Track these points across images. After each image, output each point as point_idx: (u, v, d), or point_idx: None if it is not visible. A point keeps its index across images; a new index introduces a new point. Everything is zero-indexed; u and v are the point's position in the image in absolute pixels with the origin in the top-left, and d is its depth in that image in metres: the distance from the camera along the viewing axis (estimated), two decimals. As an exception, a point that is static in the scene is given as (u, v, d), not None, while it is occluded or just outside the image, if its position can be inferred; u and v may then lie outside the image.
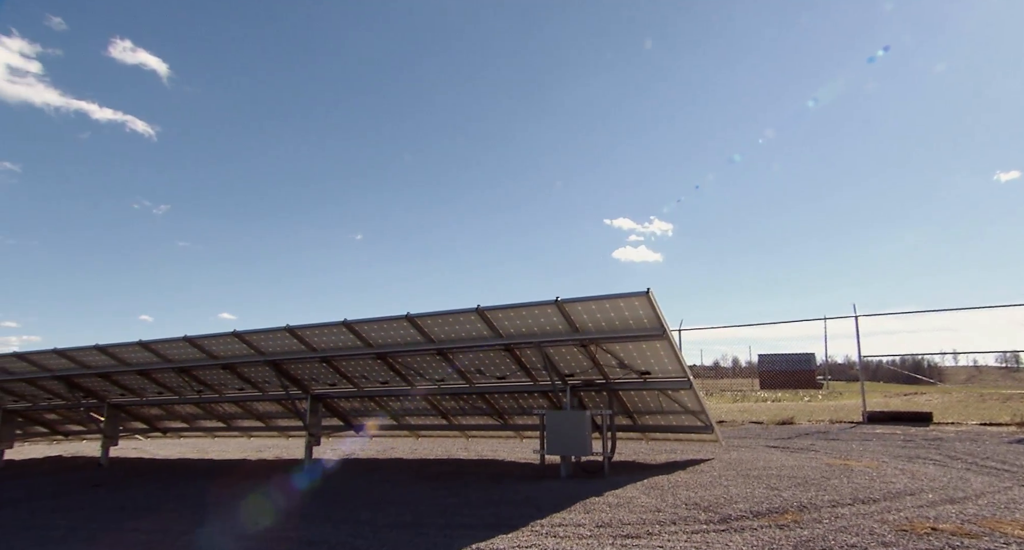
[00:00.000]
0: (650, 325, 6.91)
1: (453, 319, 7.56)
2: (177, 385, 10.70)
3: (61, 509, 7.18)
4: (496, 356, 8.16)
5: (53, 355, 10.12)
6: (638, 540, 4.31)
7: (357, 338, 8.28)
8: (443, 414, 10.16)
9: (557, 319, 7.15)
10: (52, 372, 10.62)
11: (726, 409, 17.41)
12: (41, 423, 13.66)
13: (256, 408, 11.47)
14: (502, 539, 4.53)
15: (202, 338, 9.03)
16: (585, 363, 7.80)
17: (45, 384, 11.21)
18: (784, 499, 5.23)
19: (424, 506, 6.02)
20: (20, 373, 10.82)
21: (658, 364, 7.54)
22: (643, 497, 5.70)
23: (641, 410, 8.65)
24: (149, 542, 5.18)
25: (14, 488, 9.13)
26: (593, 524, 4.82)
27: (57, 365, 10.49)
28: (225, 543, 4.96)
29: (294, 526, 5.44)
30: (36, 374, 10.74)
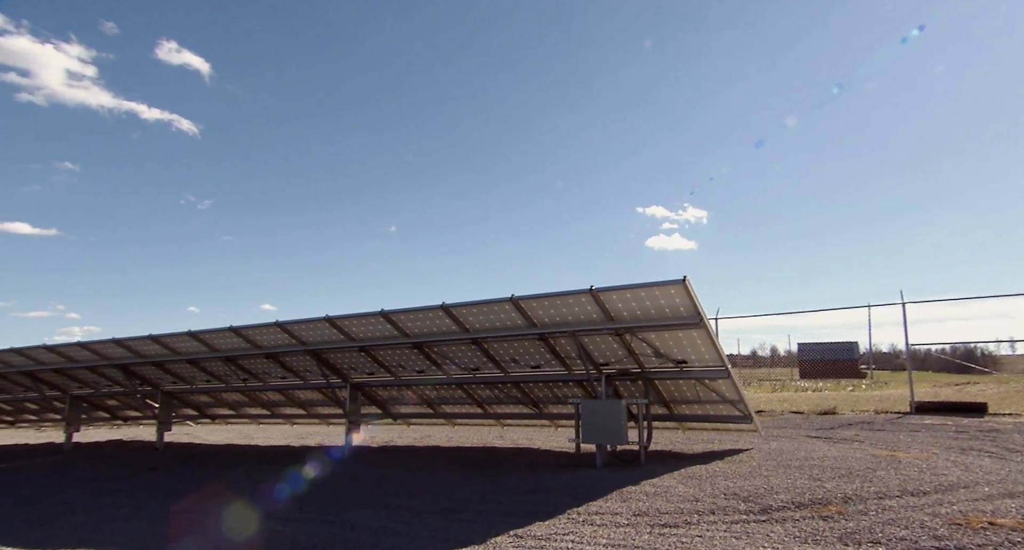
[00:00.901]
0: (686, 313, 6.81)
1: (488, 308, 7.61)
2: (224, 374, 11.13)
3: (124, 490, 7.60)
4: (530, 345, 8.19)
5: (112, 344, 10.66)
6: (676, 529, 4.29)
7: (394, 328, 8.43)
8: (478, 403, 10.27)
9: (591, 308, 7.12)
10: (111, 361, 11.19)
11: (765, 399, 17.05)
12: (103, 408, 14.45)
13: (298, 396, 11.84)
14: (539, 526, 4.58)
15: (246, 328, 9.36)
16: (620, 352, 7.75)
17: (105, 372, 11.83)
18: (827, 490, 5.11)
19: (461, 493, 6.13)
20: (84, 361, 11.45)
21: (695, 353, 7.44)
22: (680, 486, 5.66)
23: (677, 399, 8.56)
24: (203, 522, 5.44)
25: (83, 469, 9.71)
26: (630, 513, 4.82)
27: (115, 354, 11.05)
28: (273, 525, 5.16)
29: (335, 510, 5.63)
30: (97, 362, 11.34)
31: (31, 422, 17.52)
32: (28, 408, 15.72)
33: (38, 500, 7.21)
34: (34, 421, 17.32)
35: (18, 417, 17.03)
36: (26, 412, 16.34)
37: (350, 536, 4.60)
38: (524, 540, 4.23)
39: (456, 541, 4.29)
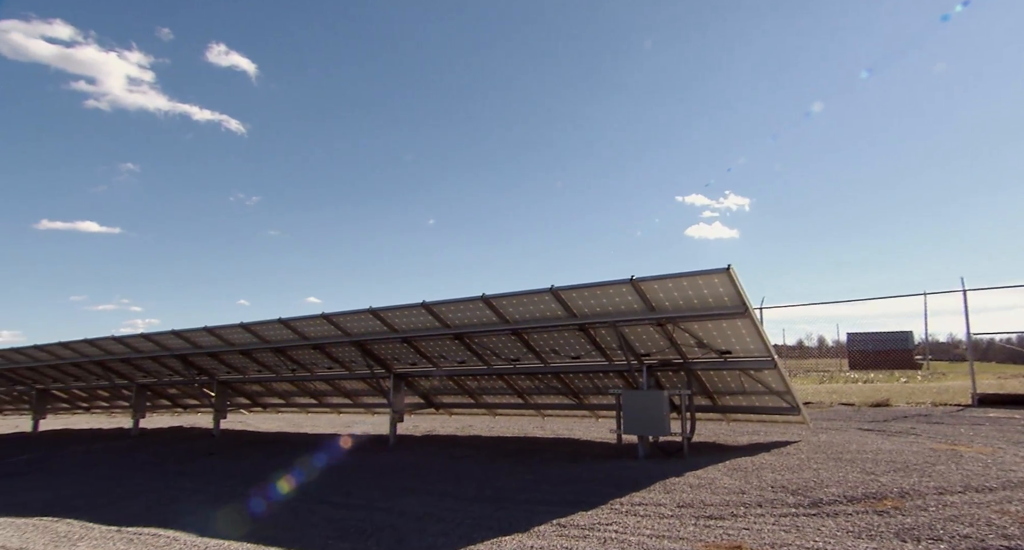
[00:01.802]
0: (731, 303, 6.67)
1: (527, 299, 7.64)
2: (274, 364, 11.58)
3: (186, 473, 8.05)
4: (570, 336, 8.18)
5: (172, 336, 11.24)
6: (722, 522, 4.24)
7: (435, 319, 8.57)
8: (519, 393, 10.35)
9: (632, 298, 7.06)
10: (171, 351, 11.81)
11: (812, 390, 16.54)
12: (165, 397, 15.29)
13: (344, 386, 12.20)
14: (582, 516, 4.60)
15: (294, 320, 9.70)
16: (662, 343, 7.66)
17: (167, 362, 12.49)
18: (882, 484, 4.94)
19: (504, 482, 6.22)
20: (147, 352, 12.12)
21: (739, 343, 7.28)
22: (725, 478, 5.58)
23: (721, 390, 8.40)
24: (259, 505, 5.71)
25: (149, 453, 10.32)
26: (674, 504, 4.79)
27: (175, 345, 11.65)
28: (323, 510, 5.38)
29: (383, 497, 5.80)
30: (159, 353, 11.99)
31: (103, 408, 18.72)
32: (100, 395, 16.80)
33: (113, 481, 7.71)
34: (106, 408, 18.50)
35: (92, 404, 18.22)
36: (99, 399, 17.46)
37: (397, 522, 4.74)
38: (568, 529, 4.27)
39: (500, 529, 4.36)
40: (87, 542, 4.63)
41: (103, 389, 15.57)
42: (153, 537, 4.66)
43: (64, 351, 13.01)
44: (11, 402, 18.96)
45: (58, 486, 7.56)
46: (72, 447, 12.08)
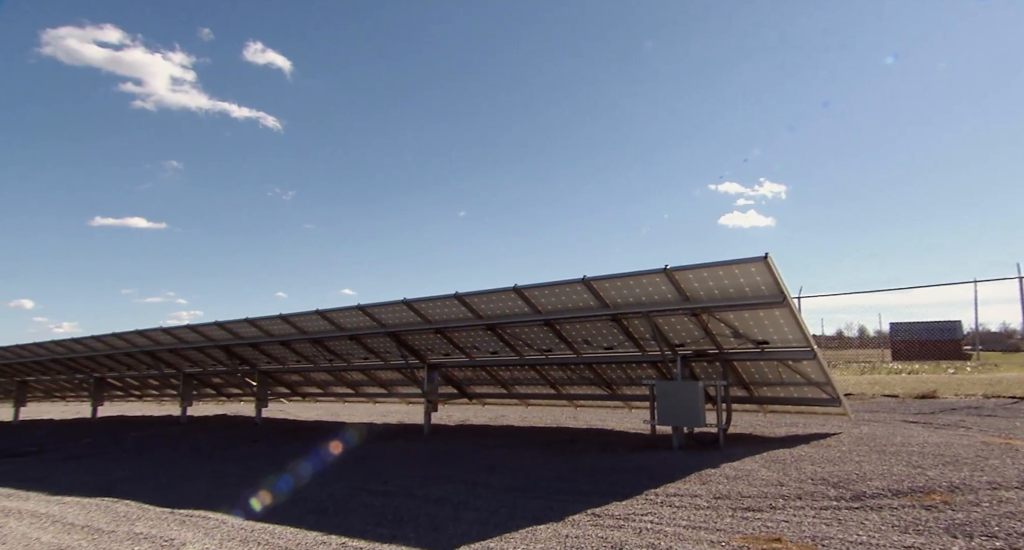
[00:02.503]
0: (768, 292, 6.52)
1: (559, 290, 7.63)
2: (312, 354, 11.90)
3: (231, 459, 8.39)
4: (603, 326, 8.15)
5: (215, 327, 11.67)
6: (760, 514, 4.18)
7: (468, 310, 8.65)
8: (551, 384, 10.38)
9: (666, 288, 6.97)
10: (215, 342, 12.26)
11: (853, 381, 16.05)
12: (210, 386, 15.92)
13: (380, 376, 12.46)
14: (617, 506, 4.61)
15: (331, 311, 9.93)
16: (696, 333, 7.55)
17: (211, 352, 12.99)
18: (930, 478, 4.78)
19: (538, 471, 6.26)
20: (193, 342, 12.63)
21: (777, 333, 7.11)
22: (763, 470, 5.49)
23: (758, 381, 8.25)
24: (300, 492, 5.91)
25: (196, 439, 10.78)
26: (710, 495, 4.74)
27: (218, 336, 12.09)
28: (362, 497, 5.53)
29: (418, 485, 5.92)
30: (203, 344, 12.47)
31: (153, 397, 19.64)
32: (151, 384, 17.61)
33: (164, 466, 8.10)
34: (156, 396, 19.41)
35: (144, 392, 19.13)
36: (149, 387, 18.32)
37: (433, 510, 4.84)
38: (602, 519, 4.29)
39: (534, 518, 4.41)
40: (144, 522, 4.88)
41: (153, 378, 16.31)
42: (203, 519, 4.88)
43: (118, 341, 13.65)
44: (72, 389, 20.07)
45: (115, 469, 7.98)
46: (127, 433, 12.71)
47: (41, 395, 21.72)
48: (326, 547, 3.95)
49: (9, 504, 5.90)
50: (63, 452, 10.29)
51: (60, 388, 20.37)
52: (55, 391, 21.14)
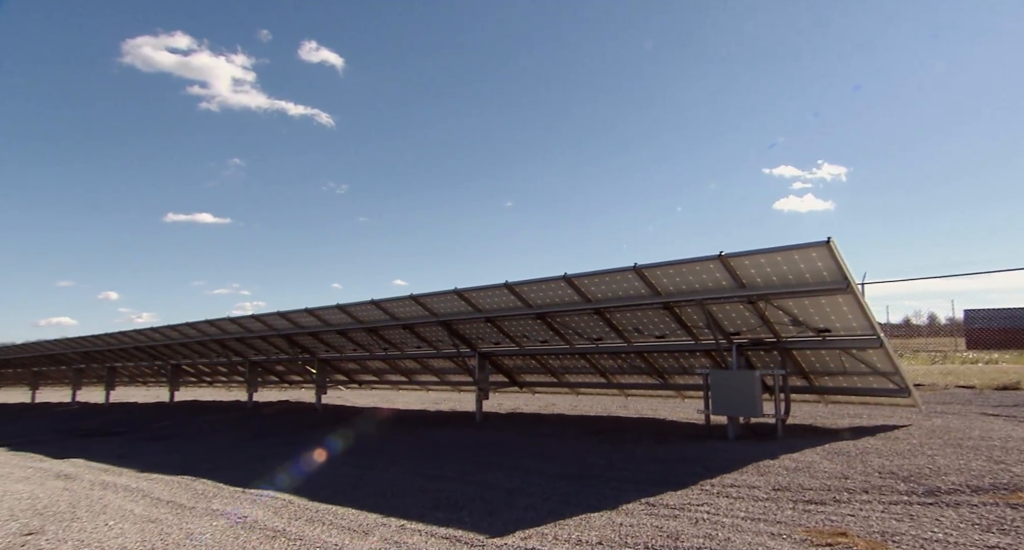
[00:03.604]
0: (830, 278, 6.24)
1: (610, 278, 7.56)
2: (367, 343, 12.30)
3: (295, 443, 8.82)
4: (655, 315, 8.02)
5: (277, 317, 12.25)
6: (823, 507, 4.05)
7: (518, 299, 8.71)
8: (601, 372, 10.33)
9: (720, 275, 6.79)
10: (277, 331, 12.88)
11: (923, 371, 15.16)
12: (273, 373, 16.76)
13: (432, 364, 12.75)
14: (671, 496, 4.57)
15: (385, 301, 10.22)
16: (752, 320, 7.33)
17: (274, 341, 13.65)
18: (1015, 474, 4.48)
19: (589, 460, 6.28)
20: (257, 331, 13.31)
21: (839, 320, 6.81)
22: (825, 462, 5.31)
23: (819, 370, 7.93)
24: (360, 476, 6.16)
25: (262, 424, 11.41)
26: (769, 487, 4.63)
27: (280, 325, 12.69)
28: (418, 482, 5.71)
29: (472, 471, 6.06)
30: (267, 333, 13.12)
31: (222, 383, 20.90)
32: (220, 370, 18.73)
33: (234, 448, 8.62)
34: (224, 382, 20.64)
35: (214, 378, 20.37)
36: (219, 374, 19.49)
37: (488, 495, 4.95)
38: (657, 508, 4.27)
39: (588, 505, 4.44)
40: (219, 500, 5.23)
41: (222, 365, 17.31)
42: (272, 499, 5.18)
43: (190, 330, 14.55)
44: (153, 375, 21.63)
45: (192, 450, 8.56)
46: (200, 416, 13.58)
47: (127, 380, 23.52)
48: (386, 529, 4.12)
49: (107, 478, 6.45)
50: (147, 433, 11.12)
51: (142, 374, 21.98)
52: (138, 377, 22.83)
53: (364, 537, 3.94)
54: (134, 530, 4.32)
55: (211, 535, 4.11)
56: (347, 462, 6.95)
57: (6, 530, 4.49)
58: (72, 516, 4.81)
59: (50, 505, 5.25)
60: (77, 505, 5.20)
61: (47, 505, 5.25)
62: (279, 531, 4.16)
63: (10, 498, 5.58)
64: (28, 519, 4.78)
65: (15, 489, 6.01)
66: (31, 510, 5.09)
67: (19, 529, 4.50)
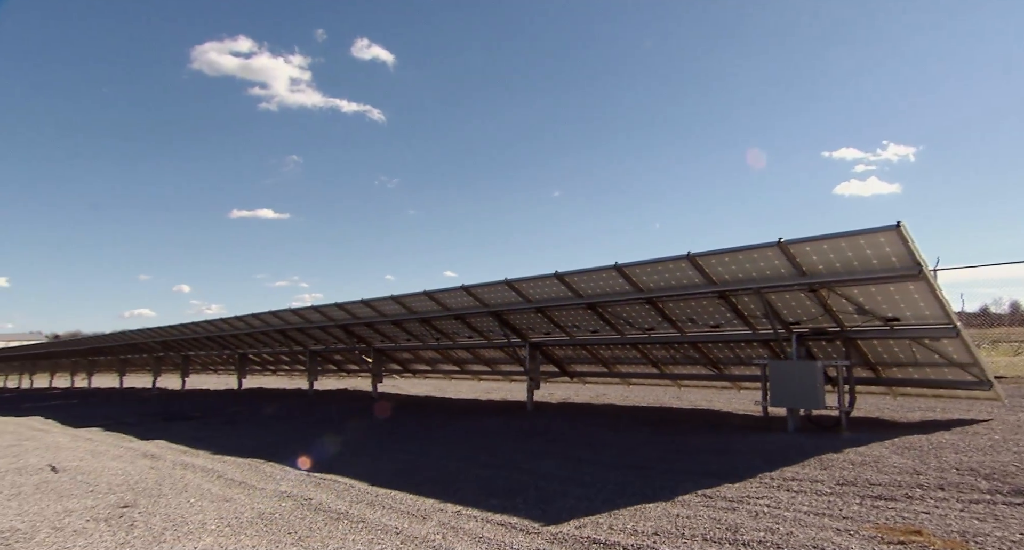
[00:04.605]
0: (900, 264, 5.89)
1: (662, 267, 7.42)
2: (420, 333, 12.60)
3: (353, 429, 9.19)
4: (709, 304, 7.83)
5: (335, 308, 12.74)
6: (893, 503, 3.87)
7: (568, 289, 8.69)
8: (653, 363, 10.19)
9: (780, 262, 6.54)
10: (335, 322, 13.39)
11: (1004, 363, 14.13)
12: (331, 362, 17.47)
13: (483, 354, 12.94)
14: (728, 488, 4.49)
15: (437, 292, 10.43)
16: (813, 309, 7.03)
17: (332, 331, 14.21)
18: (1109, 475, 4.14)
19: (642, 450, 6.23)
20: (316, 322, 13.90)
21: (910, 309, 6.43)
22: (895, 457, 5.06)
23: (886, 361, 7.53)
24: (414, 461, 6.36)
25: (322, 411, 11.93)
26: (833, 481, 4.47)
27: (338, 316, 13.18)
28: (472, 469, 5.83)
29: (524, 459, 6.13)
30: (325, 323, 13.68)
31: (285, 371, 21.99)
32: (283, 359, 19.71)
33: (298, 432, 9.06)
34: (287, 370, 21.71)
35: (277, 367, 21.46)
36: (281, 363, 20.51)
37: (541, 484, 5.00)
38: (714, 500, 4.20)
39: (643, 496, 4.42)
40: (287, 482, 5.53)
41: (284, 355, 18.19)
42: (334, 482, 5.43)
43: (255, 321, 15.34)
44: (222, 364, 23.03)
45: (259, 434, 9.06)
46: (266, 403, 14.34)
47: (199, 368, 25.11)
48: (443, 514, 4.24)
49: (186, 459, 6.94)
50: (219, 417, 11.84)
51: (213, 362, 23.42)
52: (209, 365, 24.34)
53: (423, 521, 4.08)
54: (211, 508, 4.63)
55: (280, 515, 4.36)
56: (403, 449, 7.18)
57: (107, 502, 4.92)
58: (159, 492, 5.21)
59: (140, 481, 5.70)
60: (162, 483, 5.63)
61: (137, 481, 5.71)
62: (342, 513, 4.36)
63: (108, 474, 6.10)
64: (123, 493, 5.22)
65: (111, 466, 6.57)
66: (125, 485, 5.55)
67: (116, 502, 4.92)
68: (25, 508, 4.82)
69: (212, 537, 3.88)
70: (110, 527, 4.19)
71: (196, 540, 3.82)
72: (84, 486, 5.56)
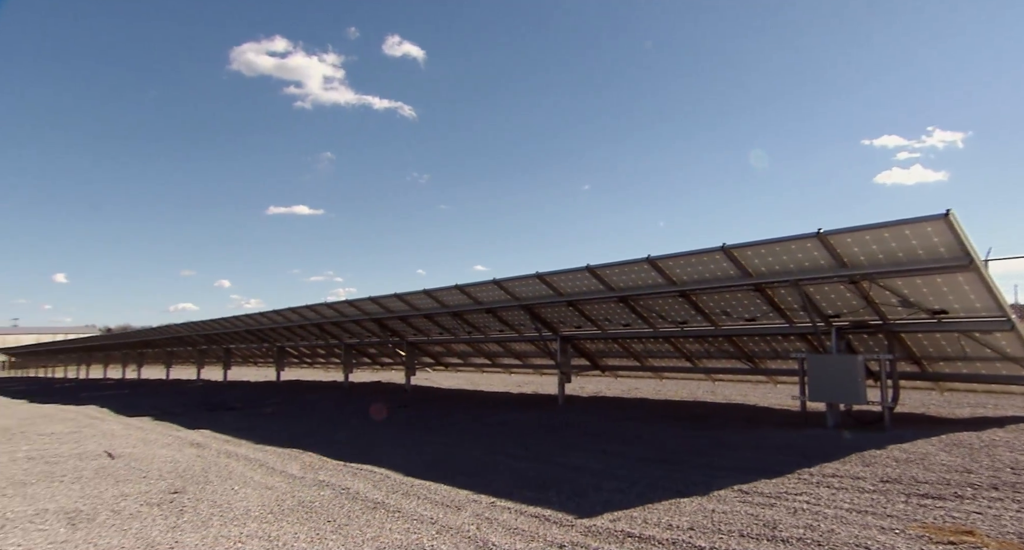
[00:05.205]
0: (949, 255, 5.65)
1: (696, 259, 7.30)
2: (452, 327, 12.73)
3: (387, 422, 9.37)
4: (744, 297, 7.67)
5: (369, 302, 12.97)
6: (942, 502, 3.74)
7: (599, 282, 8.64)
8: (686, 357, 10.05)
9: (819, 253, 6.35)
10: (369, 315, 13.65)
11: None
12: (366, 355, 17.82)
13: (514, 348, 12.99)
14: (766, 484, 4.41)
15: (468, 286, 10.51)
16: (854, 302, 6.82)
17: (366, 325, 14.49)
18: None
19: (675, 445, 6.17)
20: (351, 316, 14.19)
21: (959, 301, 6.17)
22: (942, 455, 4.88)
23: (933, 355, 7.26)
24: (448, 453, 6.44)
25: (358, 403, 12.20)
26: (876, 479, 4.34)
27: (372, 310, 13.42)
28: (505, 461, 5.88)
29: (557, 452, 6.15)
30: (360, 317, 13.95)
31: (321, 364, 22.54)
32: (319, 353, 20.19)
33: (334, 424, 9.29)
34: (323, 363, 22.25)
35: (314, 360, 22.02)
36: (318, 356, 21.02)
37: (573, 477, 5.01)
38: (751, 496, 4.14)
39: (677, 491, 4.38)
40: (325, 472, 5.69)
41: (320, 348, 18.62)
42: (370, 473, 5.55)
43: (292, 315, 15.76)
44: (261, 356, 23.75)
45: (298, 425, 9.33)
46: (304, 395, 14.74)
47: (240, 360, 25.95)
48: (477, 505, 4.30)
49: (230, 448, 7.21)
50: (259, 408, 12.24)
51: (252, 355, 24.17)
52: (249, 357, 25.13)
53: (457, 512, 4.15)
54: (255, 495, 4.81)
55: (320, 504, 4.50)
56: (436, 441, 7.28)
57: (158, 488, 5.17)
58: (205, 480, 5.43)
59: (188, 469, 5.96)
60: (208, 470, 5.86)
61: (186, 469, 5.97)
62: (378, 503, 4.46)
63: (158, 461, 6.40)
64: (173, 480, 5.47)
65: (161, 454, 6.88)
66: (174, 472, 5.81)
67: (167, 488, 5.16)
68: (87, 491, 5.10)
69: (256, 523, 4.02)
70: (162, 511, 4.39)
71: (241, 526, 3.98)
72: (137, 472, 5.84)
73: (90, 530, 4.00)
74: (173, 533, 3.88)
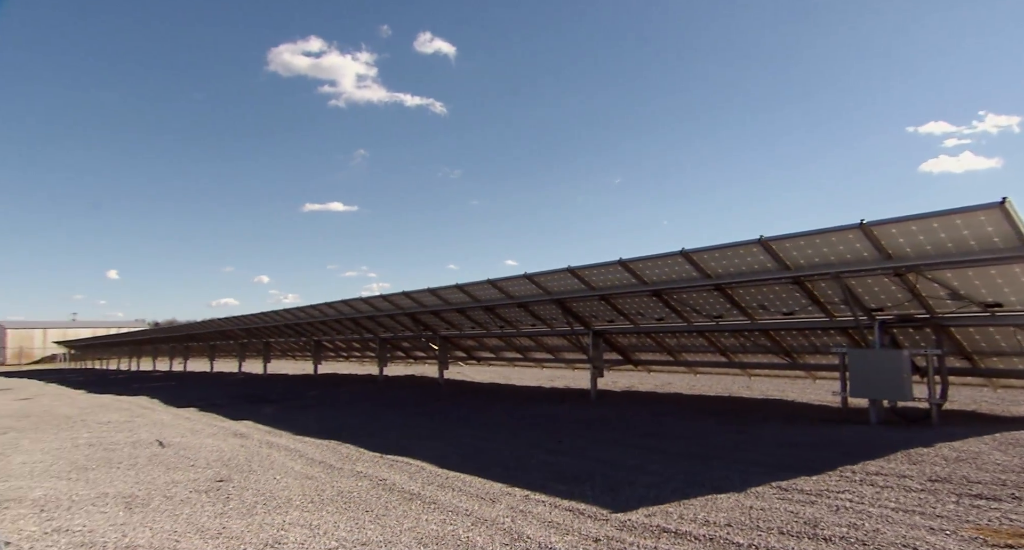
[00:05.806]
0: (1004, 245, 5.39)
1: (732, 252, 7.16)
2: (484, 321, 12.82)
3: (422, 414, 9.52)
4: (782, 290, 7.48)
5: (402, 297, 13.18)
6: (997, 503, 3.59)
7: (632, 276, 8.56)
8: (721, 351, 9.88)
9: (861, 245, 6.14)
10: (403, 310, 13.87)
11: None
12: (400, 349, 18.12)
13: (546, 342, 13.00)
14: (806, 481, 4.31)
15: (500, 280, 10.56)
16: (899, 295, 6.57)
17: (400, 319, 14.74)
18: None
19: (711, 440, 6.09)
20: (385, 310, 14.44)
21: (1015, 293, 5.89)
22: (996, 454, 4.68)
23: (985, 351, 6.95)
24: (481, 446, 6.51)
25: (392, 396, 12.43)
26: (924, 477, 4.20)
27: (405, 304, 13.64)
28: (538, 455, 5.90)
29: (590, 446, 6.14)
30: (394, 311, 14.19)
31: (356, 358, 23.04)
32: (354, 347, 20.64)
33: (370, 416, 9.50)
34: (358, 357, 22.74)
35: (349, 354, 22.52)
36: (353, 350, 21.49)
37: (608, 471, 5.00)
38: (790, 493, 4.05)
39: (712, 486, 4.32)
40: (362, 463, 5.82)
41: (356, 342, 19.03)
42: (406, 465, 5.66)
43: (328, 310, 16.14)
44: (299, 350, 24.43)
45: (335, 417, 9.57)
46: (340, 388, 15.09)
47: (279, 354, 26.76)
48: (511, 498, 4.34)
49: (271, 438, 7.46)
50: (297, 401, 12.60)
51: (290, 348, 24.88)
52: (287, 351, 25.88)
53: (492, 504, 4.19)
54: (296, 484, 4.96)
55: (358, 494, 4.61)
56: (470, 434, 7.36)
57: (206, 476, 5.39)
58: (249, 469, 5.64)
59: (232, 458, 6.19)
60: (251, 460, 6.08)
61: (230, 458, 6.20)
62: (415, 494, 4.54)
63: (205, 450, 6.68)
64: (219, 468, 5.69)
65: (207, 443, 7.17)
66: (219, 461, 6.04)
67: (214, 476, 5.38)
68: (141, 477, 5.37)
69: (298, 512, 4.16)
70: (210, 498, 4.58)
71: (284, 514, 4.11)
72: (186, 460, 6.10)
73: (145, 514, 4.21)
74: (220, 519, 4.04)
